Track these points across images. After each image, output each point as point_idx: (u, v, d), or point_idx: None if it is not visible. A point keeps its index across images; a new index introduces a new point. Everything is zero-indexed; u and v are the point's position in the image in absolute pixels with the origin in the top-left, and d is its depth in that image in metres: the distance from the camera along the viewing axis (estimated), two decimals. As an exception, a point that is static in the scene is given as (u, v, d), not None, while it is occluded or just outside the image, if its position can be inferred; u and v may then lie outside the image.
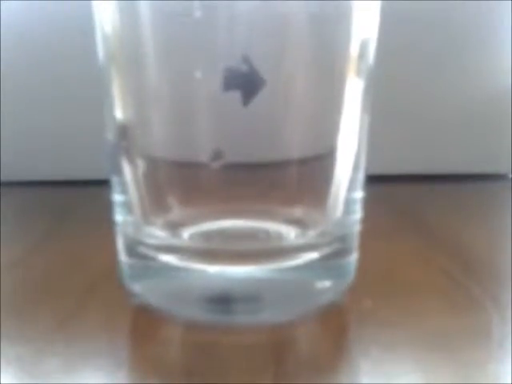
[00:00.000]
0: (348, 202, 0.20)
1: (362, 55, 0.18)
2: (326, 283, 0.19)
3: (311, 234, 0.20)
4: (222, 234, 0.20)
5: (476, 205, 0.32)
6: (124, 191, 0.19)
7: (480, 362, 0.16)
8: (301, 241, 0.20)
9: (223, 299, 0.18)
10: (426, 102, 0.35)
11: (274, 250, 0.19)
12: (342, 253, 0.20)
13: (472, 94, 0.36)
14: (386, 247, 0.24)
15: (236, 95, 0.17)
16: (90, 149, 0.28)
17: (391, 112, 0.34)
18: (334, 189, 0.19)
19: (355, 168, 0.19)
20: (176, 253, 0.19)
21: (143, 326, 0.19)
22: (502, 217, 0.30)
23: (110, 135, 0.19)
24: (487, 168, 0.37)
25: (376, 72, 0.19)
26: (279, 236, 0.20)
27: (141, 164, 0.19)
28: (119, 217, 0.20)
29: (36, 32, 0.33)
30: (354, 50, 0.18)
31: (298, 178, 0.19)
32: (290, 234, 0.20)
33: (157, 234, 0.19)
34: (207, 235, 0.20)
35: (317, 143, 0.19)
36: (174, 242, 0.19)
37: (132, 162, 0.19)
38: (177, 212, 0.20)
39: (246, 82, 0.17)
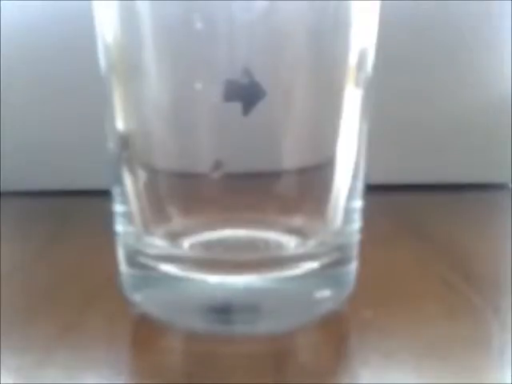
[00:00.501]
0: (347, 211, 0.20)
1: (360, 65, 0.18)
2: (326, 292, 0.19)
3: (311, 244, 0.20)
4: (222, 243, 0.20)
5: (476, 214, 0.32)
6: (125, 201, 0.20)
7: (480, 370, 0.16)
8: (300, 250, 0.20)
9: (223, 309, 0.19)
10: (425, 111, 0.35)
11: (274, 260, 0.19)
12: (341, 262, 0.20)
13: (472, 103, 0.36)
14: (385, 256, 0.24)
15: (236, 105, 0.17)
16: (91, 159, 0.29)
17: (390, 121, 0.34)
18: (333, 198, 0.19)
19: (354, 177, 0.20)
20: (176, 263, 0.19)
21: (143, 335, 0.19)
22: (502, 225, 0.30)
23: (111, 145, 0.20)
24: (487, 177, 0.37)
25: (374, 81, 0.19)
26: (279, 245, 0.20)
27: (142, 174, 0.19)
28: (120, 227, 0.20)
29: (37, 40, 0.33)
30: (352, 60, 0.18)
31: (298, 188, 0.19)
32: (290, 243, 0.20)
33: (157, 243, 0.19)
34: (207, 245, 0.20)
35: (316, 153, 0.19)
36: (174, 251, 0.19)
37: (133, 172, 0.19)
38: (177, 222, 0.20)
39: (246, 94, 0.17)
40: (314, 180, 0.19)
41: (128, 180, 0.19)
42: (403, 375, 0.17)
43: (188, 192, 0.19)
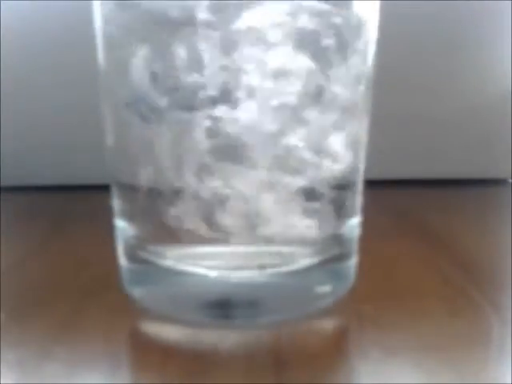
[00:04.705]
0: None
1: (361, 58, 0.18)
2: (326, 287, 0.19)
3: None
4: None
5: (476, 209, 0.32)
6: (124, 196, 0.19)
7: (479, 365, 0.16)
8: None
9: (223, 303, 0.19)
10: (426, 107, 0.35)
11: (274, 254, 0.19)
12: (341, 257, 0.20)
13: (472, 99, 0.36)
14: (385, 251, 0.24)
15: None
16: (91, 154, 0.29)
17: (391, 116, 0.34)
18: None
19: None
20: (176, 257, 0.19)
21: (143, 330, 0.19)
22: (502, 221, 0.30)
23: (110, 140, 0.20)
24: (487, 173, 0.37)
25: (375, 75, 0.19)
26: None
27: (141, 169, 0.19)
28: (119, 222, 0.20)
29: (36, 35, 0.33)
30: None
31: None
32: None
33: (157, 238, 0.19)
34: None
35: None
36: (173, 246, 0.19)
37: (132, 167, 0.19)
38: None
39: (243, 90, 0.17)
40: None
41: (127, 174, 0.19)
42: (402, 370, 0.16)
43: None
